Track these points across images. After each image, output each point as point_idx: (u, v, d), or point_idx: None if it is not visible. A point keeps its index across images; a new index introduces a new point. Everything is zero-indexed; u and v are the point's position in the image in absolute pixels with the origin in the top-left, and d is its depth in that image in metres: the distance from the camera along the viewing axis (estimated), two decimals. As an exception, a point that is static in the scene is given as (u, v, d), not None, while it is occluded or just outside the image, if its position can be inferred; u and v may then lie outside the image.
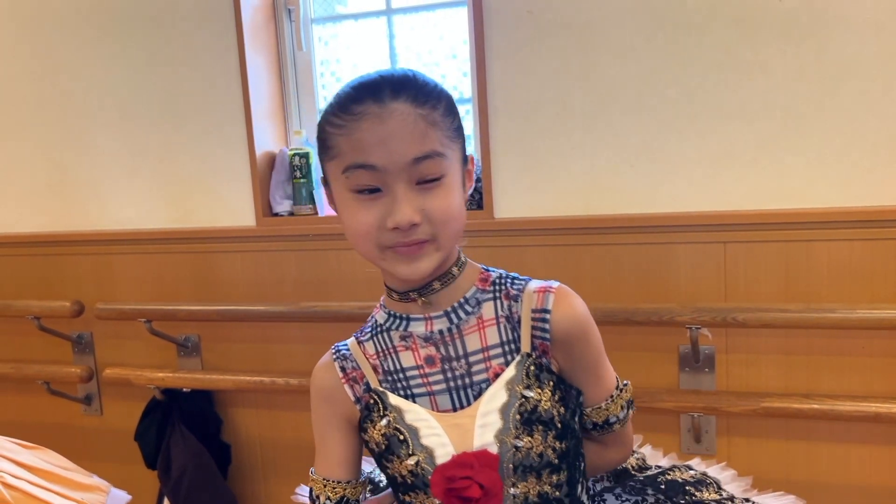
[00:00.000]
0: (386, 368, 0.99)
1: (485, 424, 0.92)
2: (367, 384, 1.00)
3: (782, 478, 1.91)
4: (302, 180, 2.26)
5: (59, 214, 2.53)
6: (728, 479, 1.23)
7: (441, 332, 0.97)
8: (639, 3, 1.88)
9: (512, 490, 0.93)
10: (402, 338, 0.99)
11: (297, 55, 2.36)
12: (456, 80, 2.23)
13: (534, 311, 0.96)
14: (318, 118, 0.94)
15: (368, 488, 1.13)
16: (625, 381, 1.05)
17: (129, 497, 1.68)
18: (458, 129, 0.94)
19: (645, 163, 1.93)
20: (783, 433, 1.89)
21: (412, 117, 0.87)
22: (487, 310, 0.97)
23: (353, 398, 1.00)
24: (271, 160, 2.32)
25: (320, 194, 2.26)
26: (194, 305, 2.30)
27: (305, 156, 2.25)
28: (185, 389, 2.32)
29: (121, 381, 2.35)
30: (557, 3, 1.94)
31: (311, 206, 2.28)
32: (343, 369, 1.02)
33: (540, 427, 0.93)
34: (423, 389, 0.97)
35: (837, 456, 1.86)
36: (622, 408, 1.03)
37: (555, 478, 0.95)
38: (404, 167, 0.87)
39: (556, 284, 0.98)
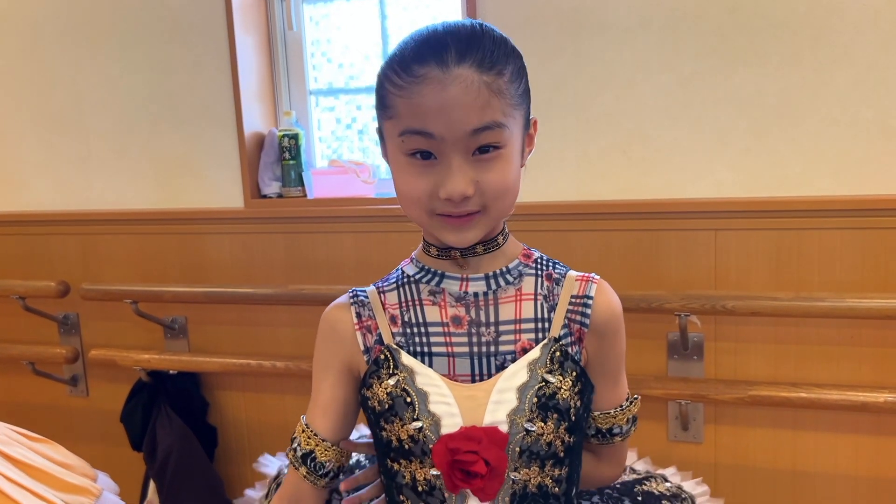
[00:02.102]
0: (406, 320, 0.96)
1: (499, 401, 0.90)
2: (380, 337, 0.96)
3: (769, 466, 1.91)
4: (291, 162, 2.24)
5: (45, 194, 2.51)
6: (704, 499, 1.22)
7: (476, 294, 0.95)
8: (634, -14, 1.86)
9: (513, 474, 0.91)
10: (432, 293, 0.96)
11: (287, 35, 2.34)
12: (448, 62, 2.21)
13: (574, 296, 0.96)
14: (379, 70, 0.90)
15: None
16: (635, 396, 1.04)
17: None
18: (524, 94, 0.91)
19: (637, 149, 1.91)
20: (770, 422, 1.89)
21: (476, 85, 0.83)
22: (528, 284, 0.96)
23: (362, 347, 0.97)
24: (260, 141, 2.29)
25: (309, 176, 2.24)
26: (181, 287, 2.28)
27: (295, 137, 2.23)
28: (171, 371, 2.31)
29: (107, 362, 2.33)
30: (551, -14, 1.92)
31: (299, 188, 2.26)
32: (359, 315, 0.98)
33: (555, 415, 0.91)
34: (442, 349, 0.94)
35: (824, 445, 1.87)
36: (628, 421, 1.02)
37: (557, 471, 0.93)
38: (462, 137, 0.84)
39: (597, 276, 0.98)
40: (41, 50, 2.42)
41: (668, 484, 1.19)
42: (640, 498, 1.13)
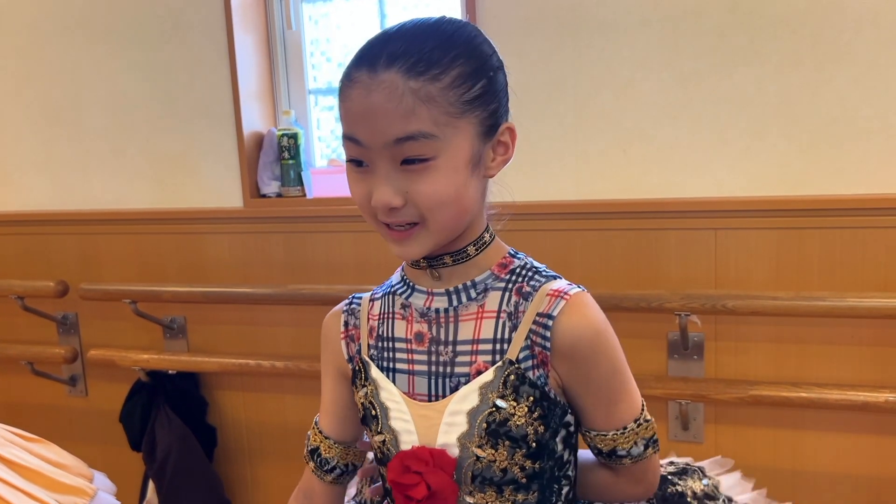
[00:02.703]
0: (380, 333, 0.95)
1: (451, 423, 0.87)
2: (360, 347, 0.97)
3: (769, 466, 1.91)
4: (290, 161, 2.23)
5: (44, 193, 2.50)
6: (746, 497, 1.17)
7: (438, 311, 0.90)
8: (633, -15, 1.86)
9: (468, 498, 0.89)
10: (403, 306, 0.94)
11: (286, 34, 2.33)
12: (447, 61, 2.20)
13: (539, 314, 0.86)
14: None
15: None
16: (647, 418, 0.94)
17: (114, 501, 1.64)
18: (478, 98, 0.82)
19: (637, 148, 1.91)
20: (771, 421, 1.89)
21: (399, 91, 0.78)
22: (492, 300, 0.89)
23: (346, 356, 0.99)
24: (259, 141, 2.29)
25: (308, 176, 2.24)
26: (180, 287, 2.28)
27: (294, 136, 2.22)
28: (170, 371, 2.31)
29: (106, 362, 2.32)
30: (551, -15, 1.91)
31: (299, 187, 2.25)
32: (346, 324, 0.99)
33: (507, 442, 0.86)
34: (404, 366, 0.92)
35: (825, 445, 1.86)
36: (636, 444, 0.92)
37: (521, 496, 0.89)
38: (385, 145, 0.80)
39: (574, 290, 0.87)
40: (40, 49, 2.42)
41: (705, 482, 1.13)
42: (668, 502, 1.08)
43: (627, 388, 0.92)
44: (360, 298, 1.00)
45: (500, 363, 0.87)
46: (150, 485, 2.32)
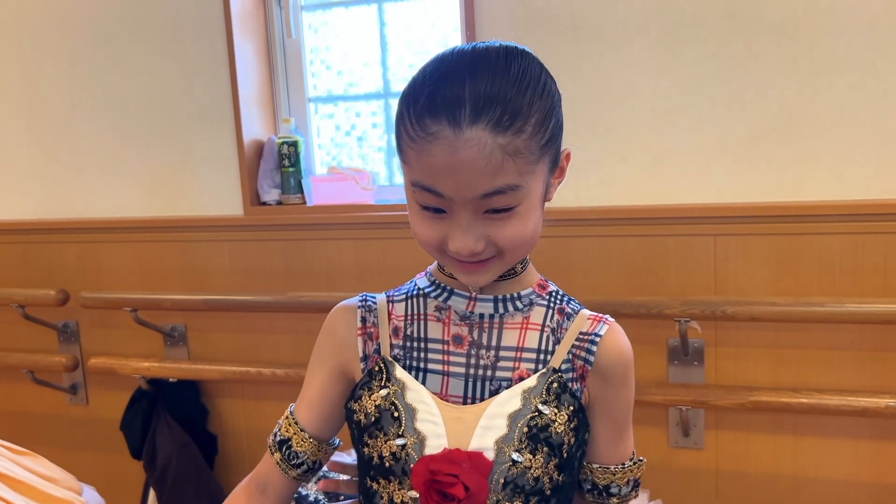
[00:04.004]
0: (408, 333, 0.93)
1: (489, 427, 0.87)
2: (379, 347, 0.94)
3: (770, 472, 1.91)
4: (290, 169, 2.24)
5: (44, 201, 2.51)
6: None
7: (482, 315, 0.92)
8: (632, -8, 1.86)
9: None
10: (438, 308, 0.93)
11: (286, 42, 2.34)
12: (447, 69, 2.21)
13: (583, 333, 0.92)
14: (398, 105, 0.85)
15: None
16: (641, 458, 0.98)
17: None
18: (551, 139, 0.83)
19: (636, 154, 1.91)
20: (771, 427, 1.89)
21: (489, 149, 0.77)
22: (537, 314, 0.93)
23: (361, 354, 0.95)
24: (259, 148, 2.30)
25: (308, 183, 2.24)
26: (181, 295, 2.28)
27: (294, 144, 2.23)
28: (171, 379, 2.31)
29: (106, 370, 2.33)
30: (550, -8, 1.92)
31: (299, 195, 2.26)
32: (364, 320, 0.96)
33: (545, 448, 0.87)
34: (438, 367, 0.91)
35: (825, 450, 1.86)
36: (628, 483, 0.96)
37: None
38: (471, 200, 0.80)
39: (610, 318, 0.95)
40: (39, 57, 2.42)
41: None
42: None
43: (630, 427, 0.98)
44: (375, 298, 0.98)
45: (543, 370, 0.90)
46: (151, 493, 2.32)
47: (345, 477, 1.09)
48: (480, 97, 0.78)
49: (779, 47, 1.78)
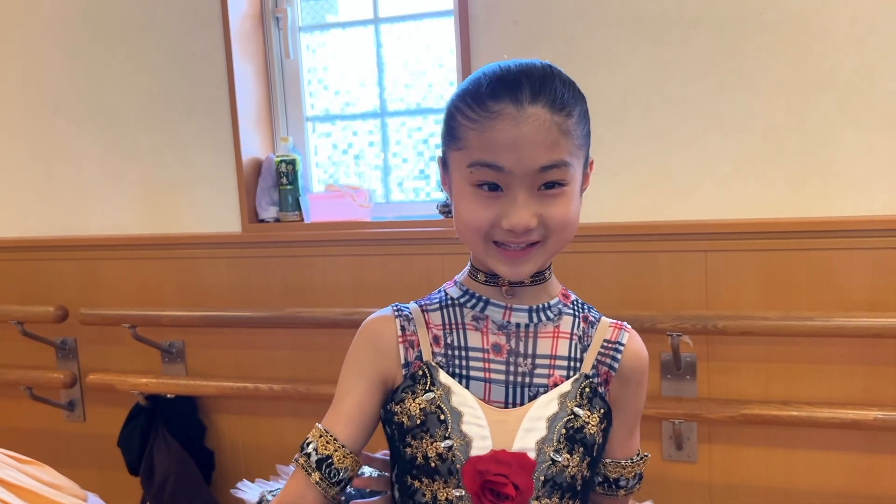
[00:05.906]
0: (448, 342, 0.97)
1: (530, 429, 0.93)
2: (421, 353, 0.97)
3: (762, 485, 1.93)
4: (288, 187, 2.27)
5: (44, 219, 2.53)
6: None
7: (518, 325, 0.98)
8: (623, 14, 1.90)
9: (534, 503, 0.93)
10: (475, 318, 0.98)
11: (284, 63, 2.37)
12: (442, 89, 2.25)
13: (607, 341, 1.00)
14: (448, 102, 0.93)
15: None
16: (646, 454, 1.07)
17: None
18: (587, 136, 0.93)
19: (628, 171, 1.95)
20: (763, 440, 1.91)
21: (547, 124, 0.86)
22: (566, 323, 1.00)
23: (402, 361, 0.97)
24: (258, 166, 2.32)
25: (306, 201, 2.27)
26: (179, 311, 2.30)
27: (292, 162, 2.26)
28: (169, 395, 2.32)
29: (104, 386, 2.34)
30: (543, 14, 1.96)
31: (297, 212, 2.28)
32: (403, 328, 0.98)
33: (581, 448, 0.94)
34: (480, 374, 0.95)
35: (816, 463, 1.89)
36: (635, 476, 1.05)
37: None
38: (530, 173, 0.87)
39: (628, 325, 1.03)
40: (39, 75, 2.45)
41: None
42: None
43: (639, 425, 1.06)
44: (408, 307, 1.01)
45: (576, 376, 0.97)
46: (149, 509, 2.33)
47: (375, 473, 1.11)
48: (536, 82, 0.87)
49: (767, 68, 1.82)
